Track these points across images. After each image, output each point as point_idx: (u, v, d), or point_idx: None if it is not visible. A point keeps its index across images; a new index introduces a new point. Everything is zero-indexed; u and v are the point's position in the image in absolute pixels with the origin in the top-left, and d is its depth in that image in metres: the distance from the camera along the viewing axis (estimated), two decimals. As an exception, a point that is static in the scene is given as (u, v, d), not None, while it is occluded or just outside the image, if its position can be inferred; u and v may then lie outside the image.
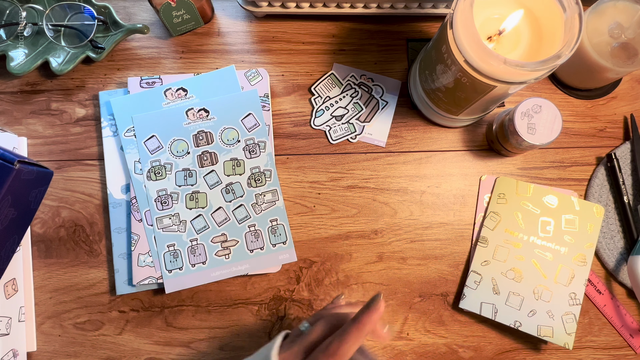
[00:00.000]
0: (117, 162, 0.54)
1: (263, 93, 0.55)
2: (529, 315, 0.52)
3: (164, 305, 0.53)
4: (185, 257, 0.51)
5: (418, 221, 0.56)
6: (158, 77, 0.55)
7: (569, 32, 0.40)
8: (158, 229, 0.52)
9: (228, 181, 0.53)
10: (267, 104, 0.55)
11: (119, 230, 0.53)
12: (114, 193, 0.53)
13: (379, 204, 0.56)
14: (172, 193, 0.52)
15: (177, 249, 0.51)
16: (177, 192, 0.53)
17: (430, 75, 0.49)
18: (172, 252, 0.51)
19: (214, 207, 0.53)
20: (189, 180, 0.53)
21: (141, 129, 0.53)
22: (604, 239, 0.55)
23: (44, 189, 0.48)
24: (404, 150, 0.57)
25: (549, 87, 0.59)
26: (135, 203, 0.52)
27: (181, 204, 0.52)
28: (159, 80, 0.55)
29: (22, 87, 0.56)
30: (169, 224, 0.52)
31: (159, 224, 0.52)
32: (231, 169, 0.53)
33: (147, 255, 0.51)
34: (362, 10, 0.56)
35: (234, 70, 0.55)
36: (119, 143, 0.54)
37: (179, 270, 0.51)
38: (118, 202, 0.53)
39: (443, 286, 0.55)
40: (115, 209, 0.53)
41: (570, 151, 0.58)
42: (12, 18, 0.55)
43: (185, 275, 0.51)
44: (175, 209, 0.52)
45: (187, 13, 0.54)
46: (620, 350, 0.54)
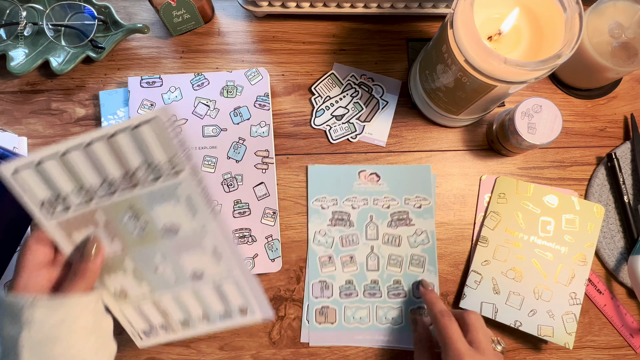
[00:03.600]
0: None
1: (263, 92, 0.55)
2: (529, 315, 0.52)
3: (164, 305, 0.53)
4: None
5: (418, 221, 0.56)
6: (158, 76, 0.55)
7: (569, 32, 0.40)
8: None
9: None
10: (267, 104, 0.55)
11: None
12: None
13: (379, 203, 0.56)
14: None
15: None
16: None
17: (430, 75, 0.49)
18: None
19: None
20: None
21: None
22: (604, 238, 0.55)
23: None
24: (404, 150, 0.57)
25: (549, 86, 0.59)
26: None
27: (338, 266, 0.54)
28: (159, 80, 0.55)
29: (22, 86, 0.56)
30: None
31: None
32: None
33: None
34: (362, 10, 0.56)
35: (430, 169, 0.56)
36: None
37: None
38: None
39: (443, 286, 0.55)
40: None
41: (571, 151, 0.58)
42: (12, 18, 0.55)
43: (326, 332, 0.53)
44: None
45: (188, 13, 0.54)
46: (620, 350, 0.54)
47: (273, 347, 0.53)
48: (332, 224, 0.54)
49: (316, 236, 0.54)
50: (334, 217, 0.54)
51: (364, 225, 0.54)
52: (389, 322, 0.53)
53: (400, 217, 0.54)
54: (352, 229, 0.54)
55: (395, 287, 0.53)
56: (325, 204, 0.55)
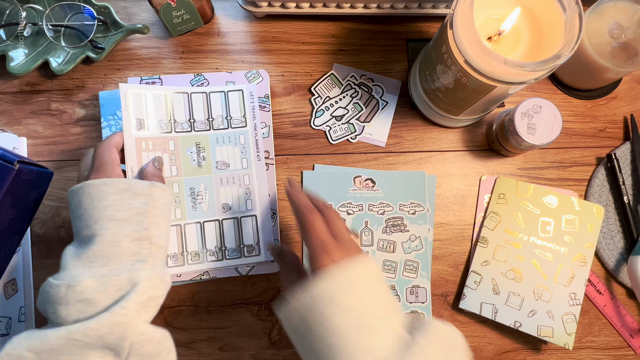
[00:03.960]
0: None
1: (263, 94, 0.55)
2: (529, 315, 0.52)
3: (164, 305, 0.53)
4: None
5: (418, 221, 0.56)
6: (158, 77, 0.55)
7: (569, 32, 0.40)
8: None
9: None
10: (267, 105, 0.55)
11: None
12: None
13: (379, 204, 0.56)
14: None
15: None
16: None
17: (430, 76, 0.49)
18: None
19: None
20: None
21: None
22: (604, 239, 0.55)
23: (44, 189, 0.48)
24: (404, 151, 0.57)
25: (549, 87, 0.59)
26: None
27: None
28: (159, 81, 0.55)
29: (22, 87, 0.56)
30: None
31: None
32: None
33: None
34: (362, 11, 0.56)
35: (424, 176, 0.56)
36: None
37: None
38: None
39: (443, 286, 0.55)
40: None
41: (570, 151, 0.58)
42: (12, 18, 0.55)
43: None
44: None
45: (187, 13, 0.54)
46: (620, 350, 0.54)
47: (273, 348, 0.53)
48: None
49: None
50: None
51: (359, 231, 0.54)
52: None
53: (395, 223, 0.54)
54: None
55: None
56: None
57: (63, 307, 0.36)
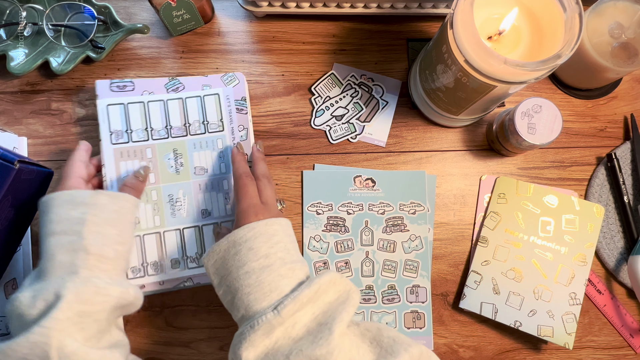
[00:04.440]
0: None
1: (240, 97, 0.54)
2: (529, 315, 0.52)
3: (164, 305, 0.53)
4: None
5: (418, 221, 0.56)
6: (130, 80, 0.53)
7: (569, 32, 0.40)
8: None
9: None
10: (245, 108, 0.54)
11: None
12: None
13: (379, 203, 0.56)
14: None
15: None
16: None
17: (430, 75, 0.49)
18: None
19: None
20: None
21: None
22: (604, 238, 0.55)
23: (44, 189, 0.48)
24: (404, 150, 0.57)
25: (549, 87, 0.59)
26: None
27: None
28: (130, 84, 0.53)
29: (22, 87, 0.56)
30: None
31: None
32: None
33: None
34: (362, 10, 0.56)
35: (424, 175, 0.56)
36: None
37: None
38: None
39: (443, 286, 0.55)
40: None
41: (571, 151, 0.58)
42: (12, 18, 0.55)
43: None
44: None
45: (187, 13, 0.54)
46: (620, 350, 0.54)
47: (273, 347, 0.53)
48: (327, 230, 0.54)
49: (311, 242, 0.54)
50: (329, 223, 0.54)
51: (359, 230, 0.54)
52: None
53: (395, 223, 0.54)
54: (347, 235, 0.54)
55: (389, 293, 0.53)
56: (320, 209, 0.55)
57: (9, 322, 0.37)
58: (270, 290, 0.38)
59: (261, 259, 0.39)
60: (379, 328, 0.39)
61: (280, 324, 0.37)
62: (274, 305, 0.37)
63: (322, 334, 0.36)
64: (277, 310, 0.37)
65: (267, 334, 0.37)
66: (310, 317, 0.38)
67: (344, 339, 0.36)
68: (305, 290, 0.37)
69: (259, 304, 0.38)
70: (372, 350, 0.37)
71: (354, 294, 0.40)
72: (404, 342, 0.37)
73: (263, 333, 0.37)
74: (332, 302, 0.39)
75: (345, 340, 0.36)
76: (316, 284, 0.38)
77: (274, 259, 0.40)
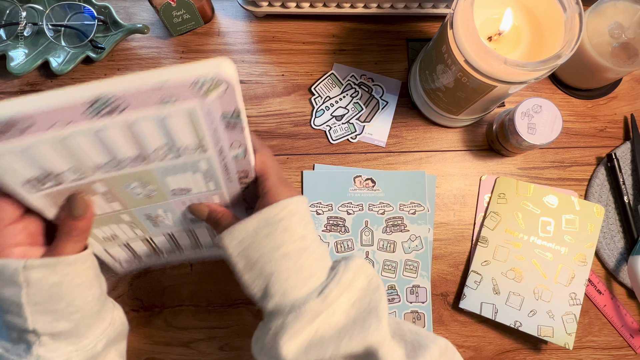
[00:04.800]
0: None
1: (232, 109, 0.42)
2: (529, 315, 0.52)
3: (164, 305, 0.53)
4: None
5: (418, 221, 0.56)
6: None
7: (569, 32, 0.40)
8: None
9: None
10: (239, 122, 0.35)
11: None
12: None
13: (379, 204, 0.56)
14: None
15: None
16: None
17: (430, 75, 0.49)
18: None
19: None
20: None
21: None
22: (604, 239, 0.55)
23: None
24: (404, 150, 0.57)
25: (549, 87, 0.59)
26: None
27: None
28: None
29: (22, 87, 0.56)
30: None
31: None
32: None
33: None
34: (362, 10, 0.56)
35: (424, 175, 0.56)
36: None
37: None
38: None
39: (443, 286, 0.55)
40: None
41: (571, 151, 0.58)
42: (12, 18, 0.55)
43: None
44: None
45: (187, 13, 0.54)
46: (620, 350, 0.54)
47: (273, 348, 0.53)
48: (327, 230, 0.54)
49: None
50: (329, 223, 0.54)
51: (359, 231, 0.54)
52: None
53: (395, 223, 0.54)
54: (347, 235, 0.54)
55: (389, 293, 0.53)
56: (320, 209, 0.55)
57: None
58: (309, 276, 0.36)
59: (298, 241, 0.36)
60: (398, 322, 0.37)
61: (322, 313, 0.35)
62: (318, 291, 0.35)
63: (370, 321, 0.35)
64: (323, 296, 0.34)
65: (310, 321, 0.35)
66: (348, 303, 0.36)
67: (388, 329, 0.35)
68: (345, 275, 0.36)
69: (298, 290, 0.35)
70: (398, 344, 0.36)
71: (380, 282, 0.38)
72: (427, 335, 0.36)
73: (308, 321, 0.34)
74: (364, 288, 0.37)
75: (390, 330, 0.35)
76: (351, 270, 0.37)
77: (309, 240, 0.37)
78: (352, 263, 0.37)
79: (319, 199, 0.55)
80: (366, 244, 0.54)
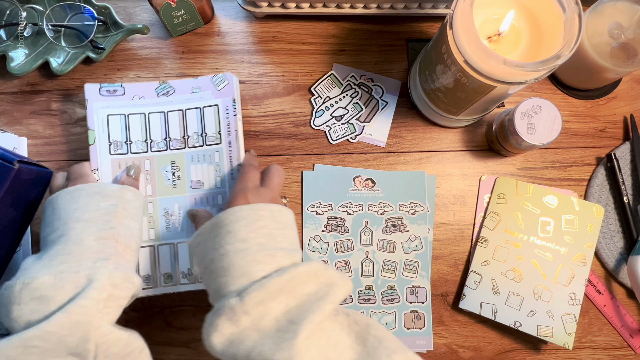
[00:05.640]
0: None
1: (231, 97, 0.51)
2: (528, 315, 0.52)
3: (164, 305, 0.53)
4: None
5: (418, 221, 0.56)
6: (120, 84, 0.51)
7: (569, 33, 0.40)
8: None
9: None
10: (235, 109, 0.51)
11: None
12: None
13: (378, 204, 0.56)
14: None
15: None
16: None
17: (430, 76, 0.50)
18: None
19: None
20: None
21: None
22: (604, 239, 0.55)
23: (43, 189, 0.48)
24: (404, 151, 0.57)
25: (548, 87, 0.59)
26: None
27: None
28: (121, 89, 0.51)
29: (22, 87, 0.56)
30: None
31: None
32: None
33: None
34: (362, 11, 0.56)
35: (424, 176, 0.56)
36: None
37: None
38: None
39: (443, 286, 0.55)
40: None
41: (570, 151, 0.58)
42: (12, 18, 0.55)
43: None
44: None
45: (187, 13, 0.54)
46: (620, 350, 0.54)
47: (273, 348, 0.53)
48: (327, 230, 0.54)
49: (311, 242, 0.54)
50: (328, 223, 0.54)
51: (359, 231, 0.54)
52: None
53: (394, 223, 0.54)
54: (347, 235, 0.54)
55: (389, 293, 0.53)
56: (320, 209, 0.55)
57: (16, 306, 0.34)
58: (240, 275, 0.36)
59: (237, 243, 0.38)
60: (369, 324, 0.36)
61: (246, 313, 0.35)
62: (239, 291, 0.35)
63: (287, 335, 0.34)
64: (240, 296, 0.35)
65: (232, 320, 0.35)
66: (282, 309, 0.36)
67: (310, 342, 0.33)
68: (275, 279, 0.35)
69: (227, 287, 0.36)
70: (354, 348, 0.35)
71: (337, 289, 0.37)
72: (390, 346, 0.35)
73: (227, 319, 0.35)
74: (311, 294, 0.36)
75: (313, 343, 0.34)
76: (290, 273, 0.36)
77: (251, 243, 0.38)
78: (297, 268, 0.36)
79: (318, 199, 0.55)
80: (366, 244, 0.54)
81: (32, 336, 0.32)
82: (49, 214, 0.41)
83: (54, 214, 0.41)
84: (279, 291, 0.35)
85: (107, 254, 0.39)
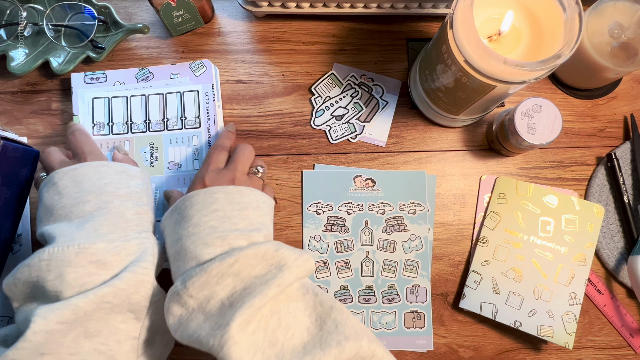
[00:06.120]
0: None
1: (210, 84, 0.55)
2: (529, 315, 0.52)
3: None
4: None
5: (418, 221, 0.56)
6: (102, 72, 0.55)
7: (569, 32, 0.40)
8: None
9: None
10: (213, 95, 0.55)
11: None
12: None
13: (379, 203, 0.56)
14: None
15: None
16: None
17: (430, 75, 0.50)
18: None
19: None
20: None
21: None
22: (604, 238, 0.55)
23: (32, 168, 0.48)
24: (404, 150, 0.57)
25: (549, 86, 0.59)
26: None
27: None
28: (103, 76, 0.55)
29: (22, 87, 0.56)
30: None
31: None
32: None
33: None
34: (362, 10, 0.56)
35: (424, 175, 0.56)
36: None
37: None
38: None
39: (443, 286, 0.55)
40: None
41: (570, 151, 0.58)
42: (12, 18, 0.55)
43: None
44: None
45: (188, 13, 0.54)
46: (620, 350, 0.54)
47: (273, 347, 0.53)
48: (327, 230, 0.54)
49: (311, 242, 0.54)
50: (329, 223, 0.54)
51: (359, 230, 0.54)
52: (383, 326, 0.53)
53: (395, 223, 0.54)
54: (347, 235, 0.54)
55: (389, 293, 0.53)
56: (320, 209, 0.55)
57: (72, 269, 0.35)
58: (190, 259, 0.38)
59: (190, 227, 0.39)
60: (332, 307, 0.36)
61: (191, 296, 0.36)
62: (183, 276, 0.37)
63: (222, 321, 0.34)
64: (183, 280, 0.36)
65: (179, 303, 0.36)
66: (228, 292, 0.36)
67: (249, 327, 0.34)
68: (217, 263, 0.36)
69: (179, 271, 0.38)
70: (309, 330, 0.35)
71: (288, 271, 0.36)
72: (345, 332, 0.34)
73: (175, 302, 0.36)
74: (259, 277, 0.36)
75: (252, 328, 0.34)
76: (233, 257, 0.36)
77: (203, 227, 0.39)
78: (243, 251, 0.37)
79: (319, 199, 0.55)
80: (366, 244, 0.54)
81: (107, 293, 0.35)
82: (69, 185, 0.41)
83: (77, 185, 0.41)
84: (222, 274, 0.36)
85: (146, 227, 0.42)
